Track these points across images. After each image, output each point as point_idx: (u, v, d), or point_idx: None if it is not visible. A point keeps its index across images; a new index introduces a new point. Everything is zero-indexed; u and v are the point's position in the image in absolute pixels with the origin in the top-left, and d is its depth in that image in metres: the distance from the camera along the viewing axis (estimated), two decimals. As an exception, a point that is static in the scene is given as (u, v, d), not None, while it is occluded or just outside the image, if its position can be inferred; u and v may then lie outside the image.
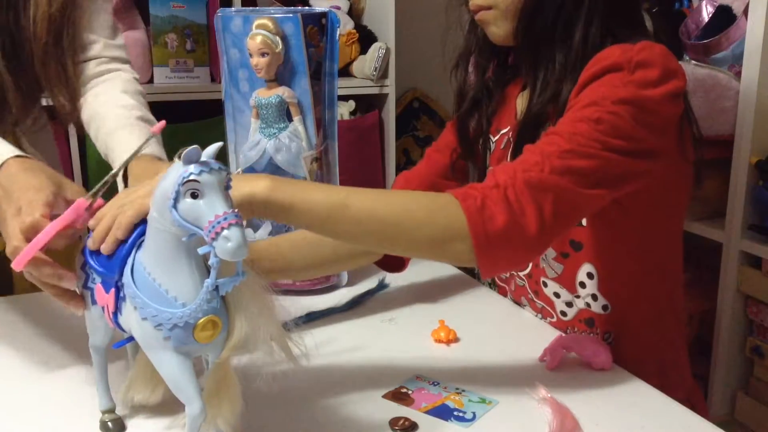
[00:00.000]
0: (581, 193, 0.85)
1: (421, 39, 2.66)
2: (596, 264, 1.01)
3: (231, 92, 1.17)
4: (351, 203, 0.80)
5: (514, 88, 1.13)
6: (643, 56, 0.90)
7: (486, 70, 1.13)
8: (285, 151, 1.14)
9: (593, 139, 0.86)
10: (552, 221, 0.82)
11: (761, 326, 1.53)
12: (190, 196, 0.62)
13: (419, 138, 2.74)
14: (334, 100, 1.18)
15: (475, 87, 1.13)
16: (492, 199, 0.81)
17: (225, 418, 0.69)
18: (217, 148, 0.64)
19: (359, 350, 1.00)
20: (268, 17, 1.09)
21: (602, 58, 0.92)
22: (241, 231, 0.61)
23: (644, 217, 1.00)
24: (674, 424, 0.83)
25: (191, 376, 0.67)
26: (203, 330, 0.65)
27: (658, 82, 0.89)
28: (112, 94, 1.16)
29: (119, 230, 0.71)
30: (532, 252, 0.87)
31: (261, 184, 0.76)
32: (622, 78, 0.89)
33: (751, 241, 1.50)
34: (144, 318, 0.66)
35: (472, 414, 0.83)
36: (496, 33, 1.04)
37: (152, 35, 2.14)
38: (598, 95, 0.89)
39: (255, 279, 0.68)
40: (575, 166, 0.85)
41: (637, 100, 0.88)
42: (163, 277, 0.66)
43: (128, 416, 0.82)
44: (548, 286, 1.06)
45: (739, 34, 1.59)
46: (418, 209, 0.83)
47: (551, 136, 0.88)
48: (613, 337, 1.04)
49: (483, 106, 1.13)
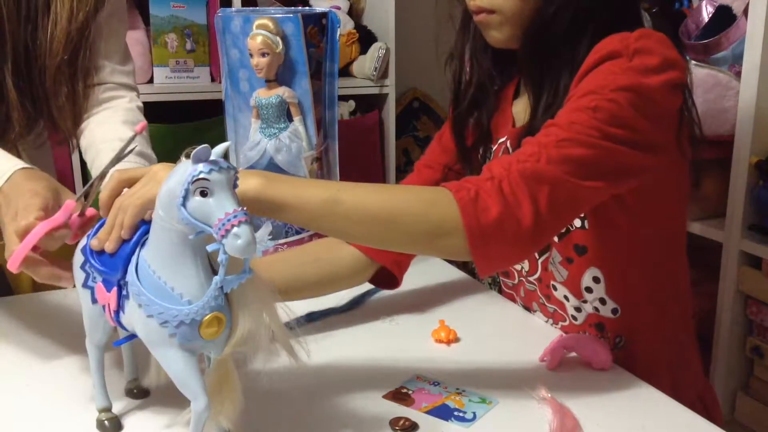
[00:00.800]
0: (578, 185, 0.83)
1: (421, 39, 2.64)
2: (602, 268, 0.99)
3: (231, 92, 1.17)
4: (343, 199, 0.79)
5: (507, 90, 1.10)
6: (642, 43, 0.88)
7: (480, 69, 1.09)
8: (285, 151, 1.14)
9: (592, 127, 0.84)
10: (548, 213, 0.80)
11: (761, 326, 1.53)
12: (200, 194, 0.62)
13: (419, 138, 2.74)
14: (335, 100, 1.18)
15: (471, 87, 1.09)
16: (486, 191, 0.80)
17: (227, 414, 0.69)
18: (226, 147, 0.65)
19: (359, 350, 1.00)
20: (268, 17, 1.09)
21: (600, 48, 0.90)
22: (250, 228, 0.62)
23: (645, 218, 0.98)
24: (675, 424, 0.83)
25: (197, 372, 0.67)
26: (208, 327, 0.66)
27: (657, 70, 0.87)
28: (111, 126, 1.15)
29: (123, 231, 0.72)
30: (528, 245, 0.84)
31: (252, 181, 0.76)
32: (620, 65, 0.87)
33: (751, 241, 1.50)
34: (149, 315, 0.67)
35: (472, 414, 0.83)
36: (496, 37, 1.01)
37: (152, 35, 2.14)
38: (596, 84, 0.87)
39: (258, 277, 0.69)
40: (572, 154, 0.83)
41: (637, 87, 0.86)
42: (168, 274, 0.67)
43: (124, 415, 0.82)
44: (558, 290, 1.04)
45: (739, 34, 1.59)
46: (411, 204, 0.81)
47: (549, 127, 0.86)
48: (625, 341, 1.03)
49: (481, 108, 1.10)
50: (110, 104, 1.18)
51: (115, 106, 1.18)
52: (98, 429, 0.79)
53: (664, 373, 0.94)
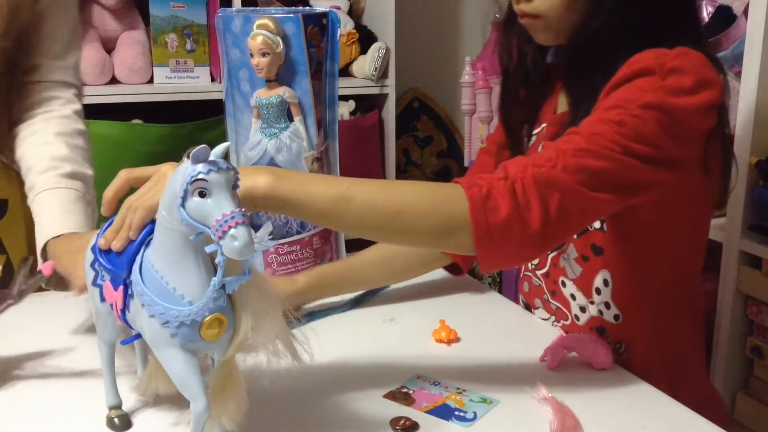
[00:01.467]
0: (589, 196, 0.82)
1: (421, 39, 2.66)
2: (612, 272, 0.99)
3: (232, 92, 1.17)
4: (353, 196, 0.79)
5: (556, 78, 1.09)
6: (678, 63, 0.86)
7: (527, 56, 1.07)
8: (286, 151, 1.14)
9: (613, 141, 0.83)
10: (557, 220, 0.80)
11: (761, 326, 1.53)
12: (198, 195, 0.62)
13: (419, 138, 2.74)
14: (335, 100, 1.18)
15: (518, 76, 1.08)
16: (498, 190, 0.79)
17: (230, 415, 0.69)
18: (226, 148, 0.65)
19: (360, 350, 1.00)
20: (268, 17, 1.09)
21: (634, 62, 0.89)
22: (248, 230, 0.61)
23: (661, 231, 0.97)
24: (675, 424, 0.83)
25: (197, 373, 0.67)
26: (209, 328, 0.66)
27: (690, 91, 0.86)
28: (44, 137, 1.12)
29: (131, 231, 0.72)
30: (533, 249, 0.84)
31: (262, 179, 0.76)
32: (652, 83, 0.86)
33: (751, 241, 1.50)
34: (151, 315, 0.67)
35: (473, 414, 0.83)
36: (543, 39, 1.00)
37: (152, 35, 2.14)
38: (624, 98, 0.86)
39: (261, 278, 0.69)
40: (589, 165, 0.82)
41: (665, 107, 0.85)
42: (170, 274, 0.67)
43: (134, 413, 0.82)
44: (566, 287, 1.04)
45: (739, 34, 1.59)
46: (421, 199, 0.81)
47: (571, 135, 0.86)
48: (625, 347, 1.02)
49: (526, 94, 1.09)
50: (46, 107, 1.15)
51: (51, 110, 1.15)
52: (108, 426, 0.80)
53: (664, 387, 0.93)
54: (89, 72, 2.06)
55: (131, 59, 2.12)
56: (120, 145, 2.06)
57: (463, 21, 2.73)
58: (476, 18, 2.64)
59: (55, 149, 1.11)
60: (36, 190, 1.09)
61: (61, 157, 1.11)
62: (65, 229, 1.04)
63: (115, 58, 2.13)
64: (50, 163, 1.10)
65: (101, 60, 2.08)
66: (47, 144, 1.12)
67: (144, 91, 2.13)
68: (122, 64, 2.11)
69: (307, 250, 1.17)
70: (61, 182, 1.09)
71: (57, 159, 1.11)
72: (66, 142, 1.13)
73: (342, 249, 1.24)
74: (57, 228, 1.04)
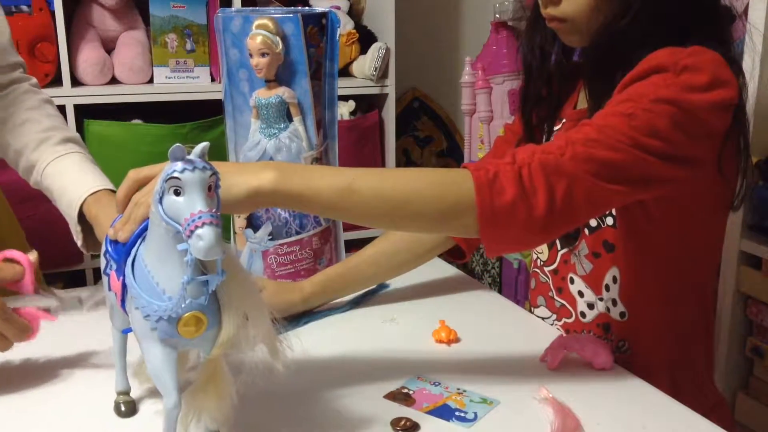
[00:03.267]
0: (597, 185, 0.82)
1: (421, 39, 2.66)
2: (622, 269, 0.99)
3: (231, 92, 1.17)
4: (358, 187, 0.79)
5: (580, 76, 1.08)
6: (693, 60, 0.86)
7: (550, 56, 1.08)
8: (285, 151, 1.14)
9: (624, 133, 0.83)
10: (562, 207, 0.80)
11: (761, 326, 1.53)
12: (173, 193, 0.63)
13: (419, 138, 2.75)
14: (335, 100, 1.18)
15: (540, 75, 1.08)
16: (505, 174, 0.80)
17: (210, 413, 0.70)
18: (204, 147, 0.65)
19: (360, 350, 1.00)
20: (268, 17, 1.09)
21: (650, 59, 0.89)
22: (214, 231, 0.61)
23: (672, 230, 0.97)
24: (675, 424, 0.83)
25: (172, 369, 0.68)
26: (186, 325, 0.66)
27: (704, 88, 0.86)
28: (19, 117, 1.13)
29: (132, 224, 0.73)
30: (537, 234, 0.84)
31: (267, 176, 0.77)
32: (665, 79, 0.86)
33: (751, 241, 1.50)
34: (137, 307, 0.68)
35: (473, 414, 0.83)
36: (571, 41, 1.01)
37: (152, 35, 2.14)
38: (637, 93, 0.86)
39: (247, 278, 0.69)
40: (598, 155, 0.82)
41: (678, 102, 0.85)
42: (156, 269, 0.68)
43: (140, 400, 0.84)
44: (575, 283, 1.04)
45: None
46: (428, 186, 0.82)
47: (582, 126, 0.86)
48: (628, 346, 1.02)
49: (548, 93, 1.09)
50: (4, 92, 1.15)
51: (9, 93, 1.16)
52: (114, 411, 0.82)
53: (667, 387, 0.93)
54: (89, 72, 2.07)
55: (131, 59, 2.12)
56: (120, 145, 2.06)
57: (463, 21, 2.74)
58: (476, 18, 2.64)
59: (36, 125, 1.13)
60: (40, 166, 1.10)
61: (46, 128, 1.13)
62: (96, 186, 1.06)
63: (115, 58, 2.13)
64: (40, 136, 1.11)
65: (101, 60, 2.08)
66: (25, 123, 1.13)
67: (144, 91, 2.13)
68: (122, 64, 2.12)
69: (306, 251, 1.17)
70: (60, 150, 1.11)
71: (43, 131, 1.12)
72: (41, 114, 1.15)
73: (341, 249, 1.24)
74: (90, 187, 1.06)
